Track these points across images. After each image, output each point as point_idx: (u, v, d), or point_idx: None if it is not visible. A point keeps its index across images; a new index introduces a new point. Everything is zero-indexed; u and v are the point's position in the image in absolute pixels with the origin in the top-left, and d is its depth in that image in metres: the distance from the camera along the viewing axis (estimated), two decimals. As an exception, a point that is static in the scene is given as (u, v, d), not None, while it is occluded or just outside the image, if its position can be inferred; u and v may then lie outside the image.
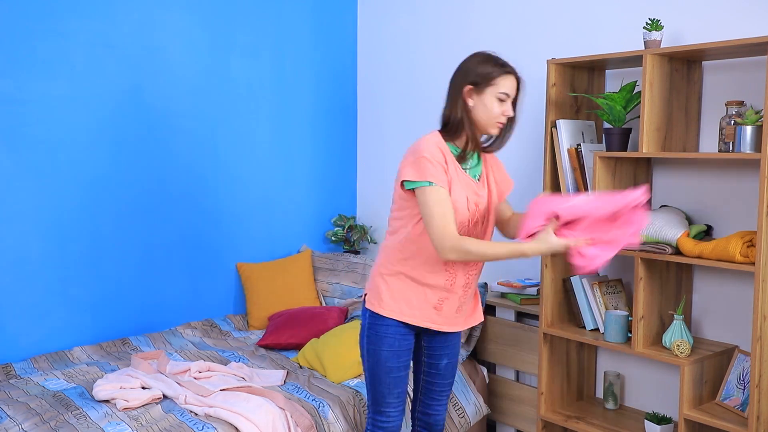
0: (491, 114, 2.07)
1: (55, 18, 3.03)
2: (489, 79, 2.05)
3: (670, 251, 2.50)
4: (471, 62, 2.11)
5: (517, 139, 3.35)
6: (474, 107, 2.08)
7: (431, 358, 2.32)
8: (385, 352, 2.18)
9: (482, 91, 2.07)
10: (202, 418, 2.44)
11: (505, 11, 3.40)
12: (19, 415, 2.42)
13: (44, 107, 3.02)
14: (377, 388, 2.23)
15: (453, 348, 2.34)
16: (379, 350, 2.19)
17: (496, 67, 2.06)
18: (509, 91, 2.07)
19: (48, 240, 3.07)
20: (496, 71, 2.06)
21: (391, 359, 2.19)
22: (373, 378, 2.23)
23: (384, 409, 2.25)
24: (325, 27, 4.02)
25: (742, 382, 2.48)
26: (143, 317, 3.40)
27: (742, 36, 2.55)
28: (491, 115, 2.07)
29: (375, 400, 2.25)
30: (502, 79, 2.06)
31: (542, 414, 2.94)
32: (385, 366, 2.19)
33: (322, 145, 4.06)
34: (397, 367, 2.21)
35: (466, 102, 2.09)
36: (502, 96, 2.06)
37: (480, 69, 2.07)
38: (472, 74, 2.07)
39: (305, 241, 4.01)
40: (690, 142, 2.73)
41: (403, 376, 2.25)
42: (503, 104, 2.08)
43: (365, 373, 2.26)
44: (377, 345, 2.19)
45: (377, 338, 2.19)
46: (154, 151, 3.37)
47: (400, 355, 2.20)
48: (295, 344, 3.22)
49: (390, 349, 2.18)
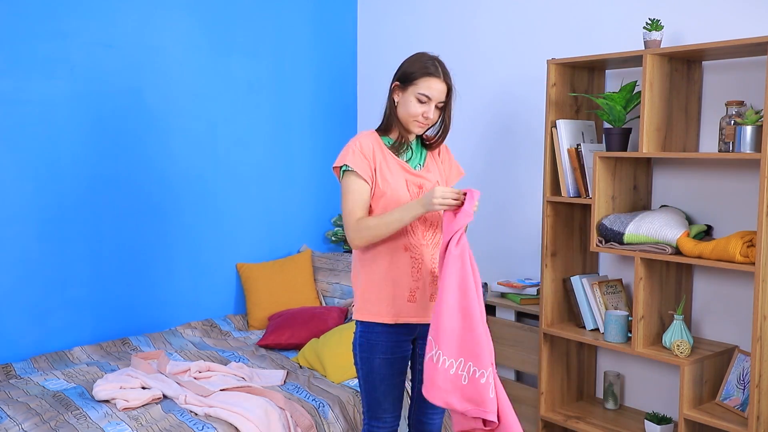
0: (409, 112, 2.11)
1: (55, 18, 3.03)
2: (411, 79, 2.11)
3: (670, 251, 2.50)
4: (406, 60, 2.17)
5: (517, 139, 3.37)
6: (398, 104, 2.15)
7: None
8: (378, 360, 2.15)
9: (405, 89, 2.13)
10: (202, 418, 2.44)
11: (505, 11, 3.40)
12: (19, 415, 2.42)
13: (44, 107, 3.02)
14: (372, 395, 2.20)
15: None
16: (372, 358, 2.16)
17: (420, 68, 2.10)
18: (429, 94, 2.09)
19: (48, 240, 3.07)
20: (419, 72, 2.10)
21: (385, 367, 2.16)
22: (368, 385, 2.20)
23: (380, 415, 2.22)
24: (325, 27, 4.02)
25: (742, 382, 2.48)
26: (143, 317, 3.40)
27: (742, 36, 2.55)
28: (409, 113, 2.11)
29: (370, 406, 2.23)
30: (423, 80, 2.09)
31: (542, 414, 2.95)
32: (380, 374, 2.16)
33: (322, 145, 4.06)
34: (391, 374, 2.18)
35: (393, 98, 2.16)
36: (420, 97, 2.09)
37: (407, 67, 2.13)
38: (400, 71, 2.15)
39: (305, 241, 4.01)
40: (690, 142, 2.73)
41: (399, 382, 2.21)
42: (423, 105, 2.11)
43: (359, 380, 2.23)
44: (370, 353, 2.16)
45: (369, 346, 2.16)
46: (154, 151, 3.37)
47: (393, 363, 2.17)
48: (295, 344, 3.22)
49: (383, 356, 2.15)
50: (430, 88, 2.08)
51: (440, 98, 2.11)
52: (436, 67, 2.10)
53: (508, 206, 3.41)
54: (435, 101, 2.10)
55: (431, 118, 2.12)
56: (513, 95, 3.38)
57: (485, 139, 3.49)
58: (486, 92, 3.49)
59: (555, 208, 2.91)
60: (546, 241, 2.89)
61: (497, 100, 3.46)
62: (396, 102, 2.16)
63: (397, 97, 2.16)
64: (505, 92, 3.42)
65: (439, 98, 2.11)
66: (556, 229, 2.93)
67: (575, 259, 3.01)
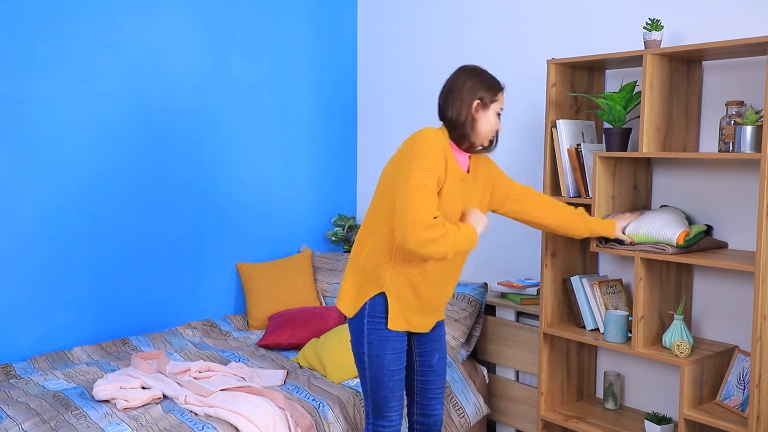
0: (492, 128, 2.22)
1: (55, 18, 3.03)
2: (494, 96, 2.20)
3: (671, 251, 2.50)
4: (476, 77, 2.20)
5: (518, 139, 3.37)
6: (479, 121, 2.20)
7: (423, 356, 2.34)
8: (388, 355, 2.19)
9: (488, 107, 2.20)
10: (202, 418, 2.44)
11: (505, 11, 3.40)
12: (19, 415, 2.42)
13: (44, 107, 3.02)
14: (380, 393, 2.22)
15: (441, 342, 2.38)
16: (382, 355, 2.19)
17: (495, 83, 2.21)
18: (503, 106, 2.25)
19: (48, 240, 3.07)
20: (497, 88, 2.21)
21: (394, 362, 2.20)
22: (376, 384, 2.22)
23: (387, 414, 2.24)
24: (325, 27, 4.02)
25: (742, 382, 2.48)
26: (143, 317, 3.40)
27: (742, 36, 2.55)
28: (492, 129, 2.22)
29: (377, 406, 2.24)
30: (501, 96, 2.23)
31: (542, 414, 2.95)
32: (389, 369, 2.20)
33: (322, 145, 4.06)
34: (398, 369, 2.23)
35: (473, 116, 2.19)
36: (500, 111, 2.24)
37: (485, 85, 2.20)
38: (482, 92, 2.19)
39: (305, 241, 4.01)
40: (690, 142, 2.73)
41: (403, 378, 2.27)
42: (499, 118, 2.24)
43: (365, 380, 2.25)
44: (380, 350, 2.19)
45: (380, 342, 2.19)
46: (154, 150, 3.37)
47: (401, 357, 2.22)
48: (295, 344, 3.22)
49: (393, 351, 2.19)
50: (503, 102, 2.24)
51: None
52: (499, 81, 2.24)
53: (508, 206, 3.40)
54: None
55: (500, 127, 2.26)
56: (513, 95, 3.38)
57: (485, 139, 3.49)
58: (486, 92, 3.49)
59: (555, 208, 2.91)
60: (546, 241, 2.89)
61: (497, 100, 3.45)
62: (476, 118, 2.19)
63: (477, 114, 2.19)
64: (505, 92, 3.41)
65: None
66: (556, 229, 2.92)
67: (575, 259, 3.01)
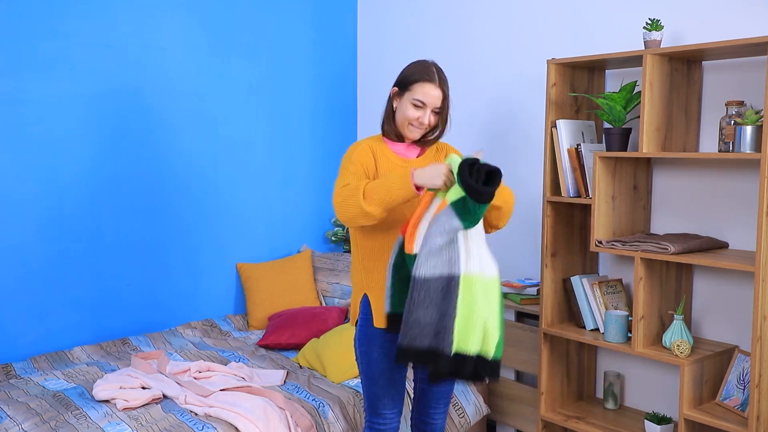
0: (405, 117, 2.14)
1: (55, 18, 3.03)
2: (407, 85, 2.15)
3: (671, 251, 2.50)
4: (406, 66, 2.21)
5: (518, 139, 3.37)
6: (396, 109, 2.19)
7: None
8: (376, 353, 2.17)
9: (402, 95, 2.17)
10: (202, 418, 2.44)
11: (505, 11, 3.40)
12: (19, 415, 2.42)
13: (44, 107, 3.02)
14: (372, 390, 2.22)
15: None
16: (369, 352, 2.18)
17: (417, 74, 2.14)
18: (424, 99, 2.12)
19: (48, 240, 3.07)
20: (415, 76, 2.14)
21: (383, 361, 2.17)
22: (368, 380, 2.21)
23: (381, 411, 2.23)
24: (325, 27, 4.02)
25: (742, 382, 2.48)
26: (143, 317, 3.40)
27: (742, 36, 2.55)
28: (405, 118, 2.15)
29: (371, 403, 2.24)
30: (418, 86, 2.13)
31: (542, 414, 2.95)
32: (378, 368, 2.18)
33: (322, 145, 4.06)
34: (389, 369, 2.19)
35: (392, 103, 2.20)
36: (416, 102, 2.13)
37: (404, 73, 2.18)
38: (399, 78, 2.19)
39: (305, 241, 4.01)
40: (690, 142, 2.73)
41: (398, 378, 2.22)
42: (419, 110, 2.13)
43: (360, 375, 2.25)
44: (368, 347, 2.18)
45: (367, 340, 2.18)
46: (154, 151, 3.37)
47: (392, 357, 2.16)
48: (295, 344, 3.22)
49: (381, 350, 2.17)
50: (425, 94, 2.12)
51: (435, 104, 2.14)
52: (432, 73, 2.14)
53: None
54: (430, 107, 2.14)
55: (425, 123, 2.15)
56: (513, 95, 3.38)
57: (485, 139, 3.49)
58: (486, 92, 3.49)
59: (555, 208, 2.91)
60: (546, 241, 2.89)
61: (497, 100, 3.46)
62: (395, 107, 2.20)
63: (396, 102, 2.19)
64: (505, 92, 3.42)
65: (434, 104, 2.14)
66: (556, 229, 2.92)
67: (575, 259, 3.01)
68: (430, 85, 2.12)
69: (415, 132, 2.17)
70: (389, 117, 2.21)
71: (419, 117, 2.13)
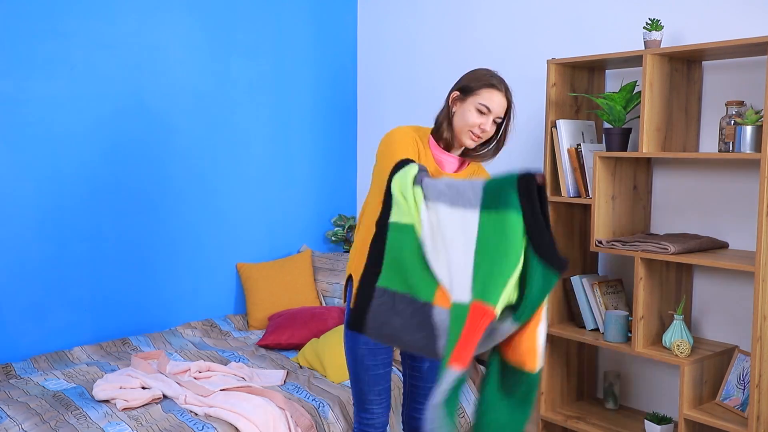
0: (466, 122, 2.07)
1: (55, 18, 3.03)
2: (473, 89, 2.08)
3: (671, 251, 2.50)
4: (468, 72, 2.15)
5: (518, 138, 3.36)
6: (455, 113, 2.11)
7: (414, 360, 2.30)
8: (361, 349, 2.17)
9: (465, 99, 2.09)
10: (202, 418, 2.44)
11: (505, 11, 3.40)
12: (19, 415, 2.42)
13: (44, 107, 3.02)
14: (358, 385, 2.24)
15: None
16: (355, 347, 2.19)
17: (483, 79, 2.09)
18: (490, 105, 2.06)
19: (48, 240, 3.07)
20: (481, 83, 2.08)
21: (368, 357, 2.18)
22: (354, 376, 2.23)
23: (368, 406, 2.25)
24: (325, 27, 4.02)
25: (742, 382, 2.48)
26: (143, 317, 3.40)
27: (742, 36, 2.55)
28: (466, 124, 2.07)
29: (358, 398, 2.26)
30: (485, 91, 2.07)
31: (542, 414, 2.94)
32: (363, 363, 2.19)
33: (322, 145, 4.06)
34: (374, 365, 2.20)
35: (450, 107, 2.13)
36: (481, 107, 2.06)
37: (469, 78, 2.11)
38: (461, 82, 2.12)
39: (305, 241, 4.01)
40: (690, 142, 2.73)
41: (383, 374, 2.23)
42: (482, 116, 2.07)
43: (348, 370, 2.27)
44: (353, 342, 2.19)
45: (353, 335, 2.18)
46: (154, 151, 3.37)
47: (376, 353, 2.18)
48: (295, 344, 3.22)
49: (366, 345, 2.17)
50: (492, 100, 2.06)
51: (499, 112, 2.08)
52: (500, 80, 2.09)
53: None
54: (494, 115, 2.07)
55: (487, 130, 2.08)
56: (513, 95, 3.37)
57: (485, 139, 3.49)
58: (486, 92, 3.49)
59: (555, 208, 2.91)
60: (546, 241, 2.88)
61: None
62: (453, 111, 2.12)
63: (455, 107, 2.11)
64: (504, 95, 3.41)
65: (498, 112, 2.08)
66: (556, 229, 2.92)
67: (575, 259, 3.01)
68: (497, 93, 2.07)
69: (472, 140, 2.10)
70: (446, 121, 2.11)
71: (481, 123, 2.06)
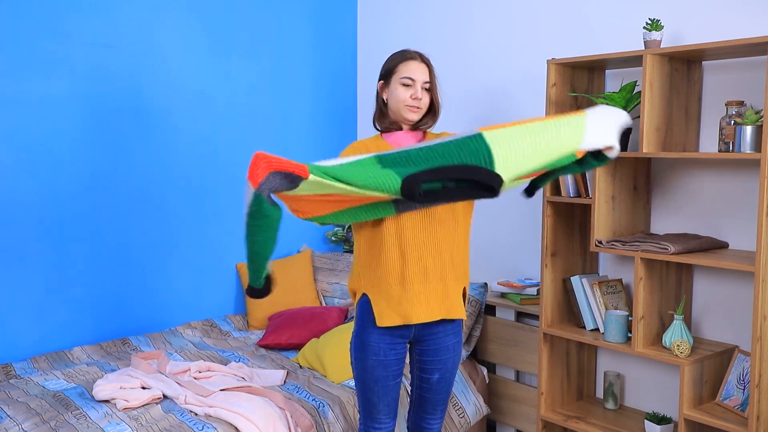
0: (398, 99, 2.14)
1: (55, 18, 3.03)
2: (391, 69, 2.17)
3: (672, 251, 2.50)
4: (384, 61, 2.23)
5: (517, 139, 3.37)
6: (388, 100, 2.19)
7: (423, 372, 2.24)
8: (370, 361, 2.14)
9: (389, 82, 2.17)
10: (202, 418, 2.44)
11: (505, 11, 3.40)
12: (19, 415, 2.42)
13: (44, 107, 3.02)
14: (367, 396, 2.19)
15: (446, 364, 2.22)
16: (364, 359, 2.15)
17: (396, 57, 2.18)
18: (411, 75, 2.13)
19: (48, 240, 3.07)
20: (395, 60, 2.17)
21: (378, 369, 2.14)
22: (363, 386, 2.19)
23: (376, 416, 2.22)
24: (324, 27, 4.02)
25: (742, 382, 2.48)
26: (143, 317, 3.40)
27: (742, 36, 2.55)
28: (398, 101, 2.14)
29: (366, 408, 2.22)
30: (401, 65, 2.15)
31: (542, 414, 2.95)
32: (372, 375, 2.15)
33: (322, 145, 4.05)
34: (384, 377, 2.16)
35: (381, 97, 2.21)
36: (404, 81, 2.14)
37: (386, 63, 2.21)
38: (382, 71, 2.21)
39: (305, 241, 4.01)
40: (690, 142, 2.73)
41: (393, 385, 2.19)
42: (409, 88, 2.14)
43: (355, 381, 2.23)
44: (362, 354, 2.15)
45: (362, 347, 2.16)
46: (154, 151, 3.37)
47: (387, 366, 2.15)
48: (295, 344, 3.22)
49: (376, 358, 2.13)
50: (410, 70, 2.14)
51: (424, 78, 2.15)
52: (412, 51, 2.18)
53: (508, 206, 3.40)
54: (419, 82, 2.14)
55: (419, 97, 2.14)
56: (513, 95, 3.38)
57: (485, 139, 3.49)
58: (486, 92, 3.49)
59: (555, 208, 2.91)
60: (546, 241, 2.89)
61: (497, 100, 3.45)
62: (385, 100, 2.20)
63: (384, 94, 2.20)
64: (505, 92, 3.42)
65: (422, 78, 2.15)
66: (556, 229, 2.92)
67: (575, 259, 3.01)
68: (413, 62, 2.15)
69: (413, 113, 2.15)
70: (381, 112, 2.21)
71: (412, 94, 2.13)
